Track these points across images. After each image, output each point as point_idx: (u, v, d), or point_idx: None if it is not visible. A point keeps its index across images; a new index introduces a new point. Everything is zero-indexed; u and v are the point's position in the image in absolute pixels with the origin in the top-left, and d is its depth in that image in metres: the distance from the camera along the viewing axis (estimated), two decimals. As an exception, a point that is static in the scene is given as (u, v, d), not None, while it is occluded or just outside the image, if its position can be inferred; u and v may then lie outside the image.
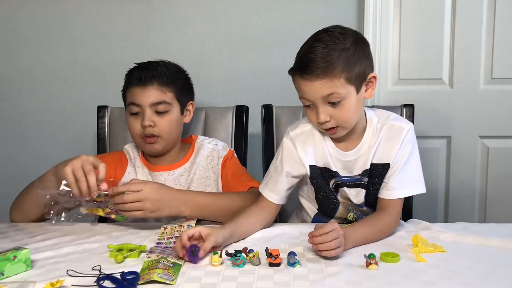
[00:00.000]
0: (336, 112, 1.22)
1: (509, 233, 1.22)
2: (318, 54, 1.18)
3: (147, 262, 1.06)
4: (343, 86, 1.20)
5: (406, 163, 1.29)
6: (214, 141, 1.58)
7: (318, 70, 1.18)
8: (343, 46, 1.19)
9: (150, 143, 1.45)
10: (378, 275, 0.99)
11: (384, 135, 1.30)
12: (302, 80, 1.21)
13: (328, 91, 1.19)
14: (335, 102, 1.21)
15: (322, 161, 1.34)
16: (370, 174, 1.32)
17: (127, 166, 1.53)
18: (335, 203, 1.39)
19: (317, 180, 1.36)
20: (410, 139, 1.31)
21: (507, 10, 1.96)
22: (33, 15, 2.05)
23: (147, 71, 1.45)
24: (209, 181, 1.52)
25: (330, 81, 1.18)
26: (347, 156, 1.32)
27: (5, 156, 2.14)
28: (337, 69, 1.18)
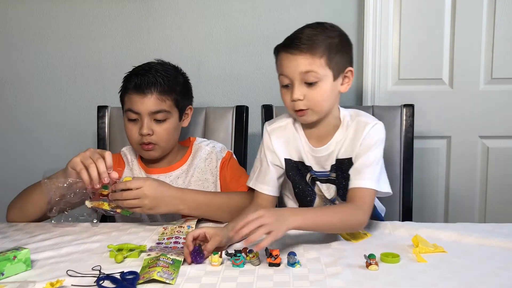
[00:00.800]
0: (310, 92, 1.26)
1: (509, 233, 1.22)
2: (305, 33, 1.27)
3: (147, 260, 1.06)
4: (322, 67, 1.26)
5: (367, 156, 1.29)
6: (212, 143, 1.58)
7: (302, 45, 1.24)
8: (330, 34, 1.28)
9: (147, 150, 1.45)
10: (378, 276, 0.99)
11: (351, 131, 1.34)
12: (285, 54, 1.27)
13: (307, 68, 1.25)
14: (311, 82, 1.26)
15: (297, 155, 1.38)
16: (338, 169, 1.35)
17: (124, 169, 1.53)
18: (312, 195, 1.41)
19: (292, 173, 1.39)
20: (372, 135, 1.31)
21: (507, 10, 1.96)
22: (33, 15, 2.05)
23: (146, 78, 1.42)
24: (207, 184, 1.52)
25: (311, 58, 1.24)
26: (318, 152, 1.35)
27: (5, 156, 2.14)
28: (319, 49, 1.25)
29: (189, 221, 1.32)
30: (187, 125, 1.57)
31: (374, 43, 1.96)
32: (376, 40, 1.97)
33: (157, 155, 1.48)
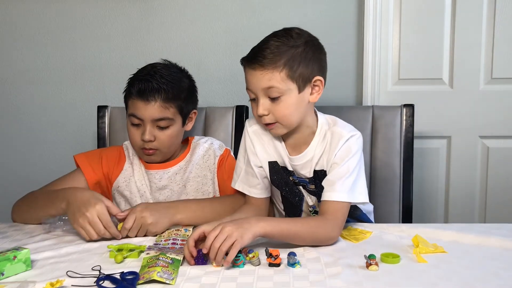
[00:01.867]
0: (275, 107, 1.23)
1: (509, 233, 1.22)
2: (268, 46, 1.22)
3: (147, 258, 1.06)
4: (283, 81, 1.21)
5: (339, 168, 1.25)
6: (210, 140, 1.58)
7: (263, 60, 1.20)
8: (294, 43, 1.22)
9: (148, 154, 1.45)
10: (378, 276, 0.99)
11: (328, 142, 1.30)
12: (248, 69, 1.24)
13: (268, 84, 1.21)
14: (274, 97, 1.22)
15: (280, 160, 1.35)
16: (317, 180, 1.32)
17: (124, 162, 1.53)
18: (299, 194, 1.38)
19: (277, 176, 1.36)
20: (345, 148, 1.26)
21: (507, 10, 1.96)
22: (33, 14, 2.05)
23: (150, 84, 1.39)
24: (206, 180, 1.52)
25: (270, 73, 1.20)
26: (294, 160, 1.33)
27: (5, 156, 2.14)
28: (279, 63, 1.20)
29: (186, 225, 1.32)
30: (190, 129, 1.56)
31: (374, 43, 1.96)
32: (376, 40, 1.96)
33: (157, 160, 1.48)
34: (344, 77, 1.98)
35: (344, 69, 1.99)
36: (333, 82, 2.01)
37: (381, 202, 1.64)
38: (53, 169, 2.07)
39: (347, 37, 2.00)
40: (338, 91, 2.00)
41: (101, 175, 1.50)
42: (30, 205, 1.39)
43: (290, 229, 1.14)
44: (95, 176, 1.48)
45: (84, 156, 1.52)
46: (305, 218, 1.33)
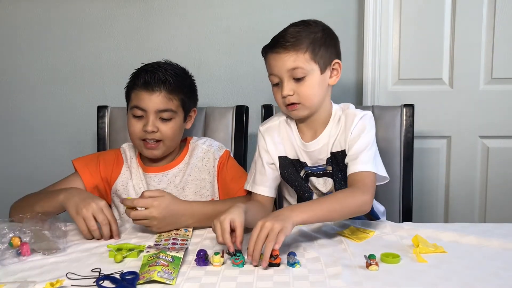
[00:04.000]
0: (300, 87, 1.30)
1: (509, 233, 1.22)
2: (288, 32, 1.31)
3: (147, 256, 1.06)
4: (307, 62, 1.29)
5: (359, 142, 1.31)
6: (209, 141, 1.57)
7: (287, 43, 1.28)
8: (312, 30, 1.32)
9: (150, 148, 1.44)
10: (378, 276, 0.99)
11: (342, 124, 1.37)
12: (271, 54, 1.31)
13: (293, 65, 1.28)
14: (299, 78, 1.29)
15: (292, 153, 1.41)
16: (334, 163, 1.37)
17: (122, 166, 1.52)
18: (309, 191, 1.42)
19: (287, 171, 1.41)
20: (361, 124, 1.34)
21: (507, 10, 1.96)
22: (33, 15, 2.05)
23: (156, 75, 1.42)
24: (204, 183, 1.51)
25: (295, 55, 1.28)
26: (309, 146, 1.38)
27: (5, 156, 2.14)
28: (303, 45, 1.28)
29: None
30: (189, 127, 1.56)
31: (374, 43, 1.96)
32: (376, 40, 1.97)
33: (159, 155, 1.47)
34: (344, 77, 1.97)
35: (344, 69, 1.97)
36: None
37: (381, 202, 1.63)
38: (53, 169, 2.07)
39: (347, 37, 2.00)
40: (338, 91, 2.00)
41: (99, 179, 1.50)
42: (27, 205, 1.38)
43: (323, 209, 1.17)
44: (92, 180, 1.48)
45: (82, 160, 1.52)
46: (334, 193, 1.32)
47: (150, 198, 1.24)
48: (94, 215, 1.22)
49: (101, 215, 1.22)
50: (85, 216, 1.21)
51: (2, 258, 1.10)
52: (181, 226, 1.29)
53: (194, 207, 1.32)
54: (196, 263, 1.06)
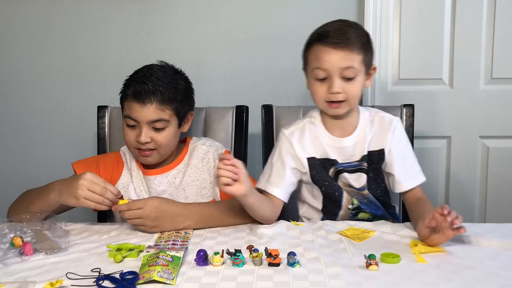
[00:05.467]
0: (348, 86, 1.33)
1: (509, 233, 1.22)
2: (342, 29, 1.32)
3: (147, 256, 1.05)
4: (359, 63, 1.33)
5: (406, 153, 1.44)
6: (209, 142, 1.57)
7: (348, 41, 1.30)
8: (360, 32, 1.36)
9: (145, 156, 1.44)
10: (378, 276, 0.99)
11: (377, 125, 1.43)
12: (324, 48, 1.31)
13: (348, 64, 1.30)
14: (350, 77, 1.32)
15: (320, 153, 1.42)
16: (368, 161, 1.41)
17: (123, 169, 1.52)
18: (339, 189, 1.43)
19: (316, 171, 1.41)
20: (400, 129, 1.44)
21: (507, 10, 1.96)
22: (33, 15, 2.05)
23: (146, 86, 1.38)
24: (205, 184, 1.51)
25: (351, 54, 1.31)
26: (343, 142, 1.40)
27: (5, 156, 2.14)
28: (358, 45, 1.32)
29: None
30: (187, 130, 1.54)
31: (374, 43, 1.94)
32: (376, 40, 1.96)
33: (155, 161, 1.47)
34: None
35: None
36: (333, 82, 2.02)
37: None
38: (53, 169, 2.07)
39: (347, 37, 1.99)
40: (338, 91, 2.00)
41: None
42: (23, 203, 1.39)
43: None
44: None
45: (82, 163, 1.52)
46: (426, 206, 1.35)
47: (142, 200, 1.27)
48: (90, 190, 1.24)
49: (96, 186, 1.25)
50: (86, 196, 1.24)
51: (4, 258, 1.10)
52: (179, 227, 1.29)
53: (190, 209, 1.31)
54: (196, 263, 1.06)
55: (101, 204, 1.26)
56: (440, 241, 1.12)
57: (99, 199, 1.25)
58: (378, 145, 1.41)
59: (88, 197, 1.24)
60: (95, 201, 1.25)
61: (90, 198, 1.25)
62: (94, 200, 1.25)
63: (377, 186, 1.44)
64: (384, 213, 1.47)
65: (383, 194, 1.46)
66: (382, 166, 1.43)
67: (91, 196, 1.25)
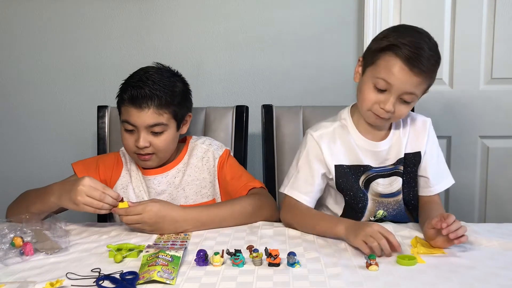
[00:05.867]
0: (401, 108, 1.28)
1: (509, 233, 1.22)
2: (427, 56, 1.22)
3: (146, 256, 1.05)
4: (422, 91, 1.28)
5: (438, 155, 1.42)
6: (208, 141, 1.56)
7: (425, 69, 1.22)
8: (436, 57, 1.26)
9: (144, 160, 1.43)
10: (378, 276, 0.99)
11: (411, 127, 1.40)
12: (403, 65, 1.21)
13: (412, 89, 1.25)
14: (407, 101, 1.27)
15: (350, 159, 1.36)
16: (404, 164, 1.38)
17: (122, 169, 1.52)
18: (364, 201, 1.38)
19: (344, 180, 1.36)
20: (433, 131, 1.42)
21: (507, 10, 1.96)
22: (33, 15, 2.05)
23: (142, 91, 1.36)
24: (205, 183, 1.50)
25: (423, 82, 1.25)
26: (379, 146, 1.36)
27: (5, 156, 2.14)
28: (431, 75, 1.26)
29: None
30: (185, 132, 1.53)
31: (374, 43, 1.96)
32: (376, 40, 1.96)
33: (154, 165, 1.46)
34: (344, 77, 1.98)
35: (344, 68, 1.99)
36: (333, 82, 2.02)
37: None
38: (53, 169, 2.07)
39: (347, 37, 2.00)
40: (338, 91, 2.00)
41: None
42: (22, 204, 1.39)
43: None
44: None
45: (81, 164, 1.51)
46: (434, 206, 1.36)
47: (142, 205, 1.25)
48: (89, 195, 1.23)
49: (94, 192, 1.23)
50: (85, 202, 1.23)
51: (5, 258, 1.10)
52: (178, 231, 1.28)
53: (188, 213, 1.30)
54: (196, 263, 1.06)
55: (100, 209, 1.25)
56: (443, 245, 1.12)
57: (98, 205, 1.23)
58: (414, 148, 1.38)
59: (87, 203, 1.23)
60: (95, 206, 1.24)
61: (89, 204, 1.23)
62: (93, 206, 1.23)
63: (409, 190, 1.40)
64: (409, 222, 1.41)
65: (414, 199, 1.41)
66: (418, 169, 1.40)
67: (90, 202, 1.23)
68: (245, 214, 1.35)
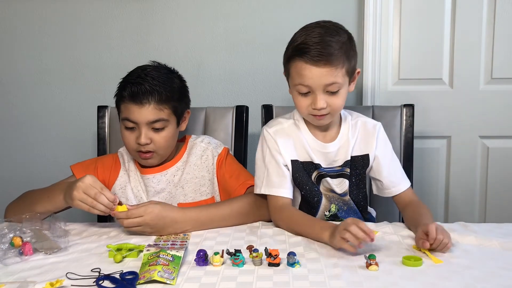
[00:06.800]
0: (333, 99, 1.30)
1: (509, 233, 1.22)
2: (329, 43, 1.25)
3: (147, 255, 1.05)
4: (343, 76, 1.29)
5: (392, 159, 1.44)
6: (207, 139, 1.56)
7: (329, 57, 1.24)
8: (342, 39, 1.29)
9: (145, 158, 1.43)
10: (378, 276, 0.99)
11: (360, 130, 1.42)
12: (304, 64, 1.26)
13: (331, 80, 1.27)
14: (334, 91, 1.28)
15: (303, 156, 1.40)
16: (352, 166, 1.39)
17: (120, 170, 1.52)
18: (318, 195, 1.41)
19: (299, 174, 1.39)
20: (383, 134, 1.44)
21: (507, 10, 1.96)
22: (33, 15, 2.05)
23: (142, 87, 1.37)
24: (204, 181, 1.51)
25: (334, 70, 1.26)
26: (327, 147, 1.39)
27: (5, 156, 2.14)
28: (340, 59, 1.27)
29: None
30: (184, 129, 1.54)
31: (374, 43, 1.96)
32: (376, 40, 1.96)
33: (155, 163, 1.47)
34: (344, 77, 1.98)
35: (344, 69, 1.99)
36: (333, 82, 2.01)
37: (381, 203, 1.63)
38: (53, 169, 2.07)
39: (347, 37, 1.99)
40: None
41: None
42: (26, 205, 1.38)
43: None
44: None
45: (80, 166, 1.52)
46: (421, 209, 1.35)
47: (142, 207, 1.25)
48: (85, 192, 1.23)
49: (91, 189, 1.23)
50: (80, 198, 1.23)
51: (4, 258, 1.10)
52: (178, 232, 1.28)
53: (187, 214, 1.30)
54: (196, 263, 1.06)
55: (93, 208, 1.24)
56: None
57: (91, 203, 1.23)
58: (362, 150, 1.41)
59: (81, 199, 1.23)
60: (88, 204, 1.23)
61: (83, 200, 1.23)
62: (87, 203, 1.23)
63: (358, 191, 1.43)
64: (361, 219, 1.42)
65: (364, 199, 1.45)
66: (367, 171, 1.43)
67: (84, 198, 1.23)
68: (244, 213, 1.35)
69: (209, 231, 1.30)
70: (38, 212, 1.29)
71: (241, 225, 1.34)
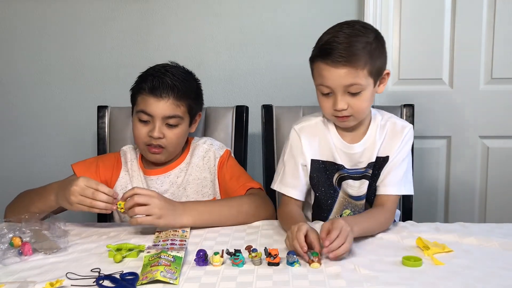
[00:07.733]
0: (354, 101, 1.27)
1: (509, 233, 1.22)
2: (343, 42, 1.22)
3: (148, 257, 1.05)
4: (365, 78, 1.25)
5: (403, 161, 1.36)
6: (210, 141, 1.57)
7: (344, 58, 1.21)
8: (367, 39, 1.25)
9: (154, 153, 1.44)
10: (378, 276, 0.98)
11: (388, 131, 1.38)
12: (324, 65, 1.25)
13: (351, 81, 1.24)
14: (355, 93, 1.26)
15: (326, 155, 1.38)
16: (375, 167, 1.37)
17: (121, 170, 1.52)
18: (333, 198, 1.40)
19: (317, 174, 1.38)
20: (410, 138, 1.39)
21: (507, 10, 1.96)
22: (33, 15, 2.05)
23: (164, 81, 1.40)
24: (206, 182, 1.51)
25: (354, 71, 1.23)
26: (353, 148, 1.36)
27: (5, 156, 2.14)
28: (362, 60, 1.23)
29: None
30: (194, 131, 1.55)
31: (374, 43, 1.96)
32: (376, 40, 1.96)
33: (163, 159, 1.47)
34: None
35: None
36: (333, 82, 2.01)
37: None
38: (53, 169, 2.07)
39: (347, 37, 1.99)
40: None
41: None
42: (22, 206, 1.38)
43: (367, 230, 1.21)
44: None
45: (81, 165, 1.51)
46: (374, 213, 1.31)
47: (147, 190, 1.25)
48: (82, 195, 1.22)
49: (87, 190, 1.22)
50: (78, 201, 1.22)
51: (4, 258, 1.10)
52: (178, 221, 1.26)
53: (186, 205, 1.31)
54: (196, 263, 1.06)
55: (94, 208, 1.23)
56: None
57: (90, 203, 1.22)
58: (386, 152, 1.37)
59: (80, 202, 1.22)
60: (87, 205, 1.23)
61: (82, 203, 1.23)
62: (86, 204, 1.23)
63: (372, 192, 1.40)
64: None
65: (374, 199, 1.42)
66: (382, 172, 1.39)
67: (83, 200, 1.22)
68: (242, 212, 1.35)
69: (209, 231, 1.30)
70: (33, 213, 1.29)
71: (241, 225, 1.34)
